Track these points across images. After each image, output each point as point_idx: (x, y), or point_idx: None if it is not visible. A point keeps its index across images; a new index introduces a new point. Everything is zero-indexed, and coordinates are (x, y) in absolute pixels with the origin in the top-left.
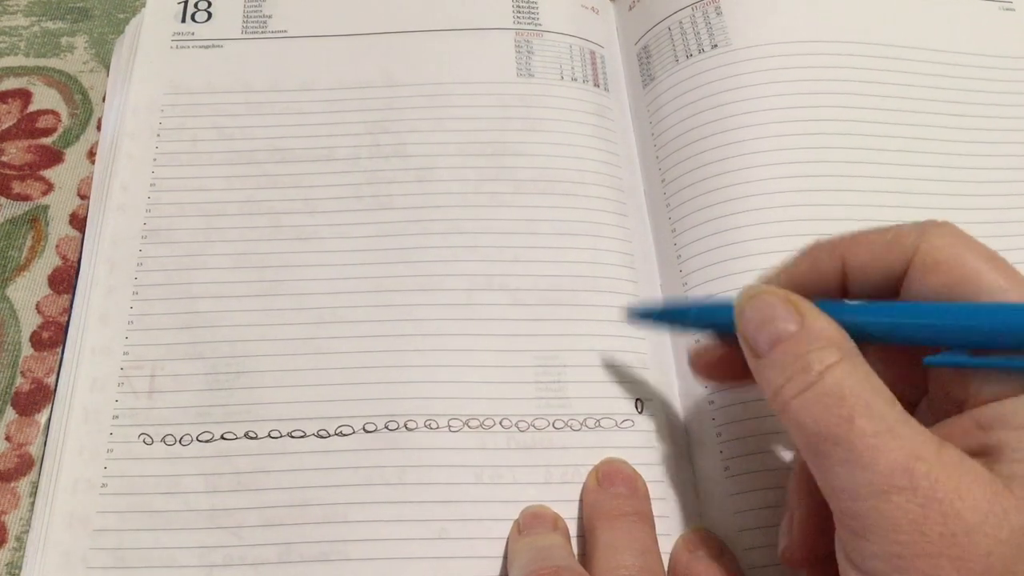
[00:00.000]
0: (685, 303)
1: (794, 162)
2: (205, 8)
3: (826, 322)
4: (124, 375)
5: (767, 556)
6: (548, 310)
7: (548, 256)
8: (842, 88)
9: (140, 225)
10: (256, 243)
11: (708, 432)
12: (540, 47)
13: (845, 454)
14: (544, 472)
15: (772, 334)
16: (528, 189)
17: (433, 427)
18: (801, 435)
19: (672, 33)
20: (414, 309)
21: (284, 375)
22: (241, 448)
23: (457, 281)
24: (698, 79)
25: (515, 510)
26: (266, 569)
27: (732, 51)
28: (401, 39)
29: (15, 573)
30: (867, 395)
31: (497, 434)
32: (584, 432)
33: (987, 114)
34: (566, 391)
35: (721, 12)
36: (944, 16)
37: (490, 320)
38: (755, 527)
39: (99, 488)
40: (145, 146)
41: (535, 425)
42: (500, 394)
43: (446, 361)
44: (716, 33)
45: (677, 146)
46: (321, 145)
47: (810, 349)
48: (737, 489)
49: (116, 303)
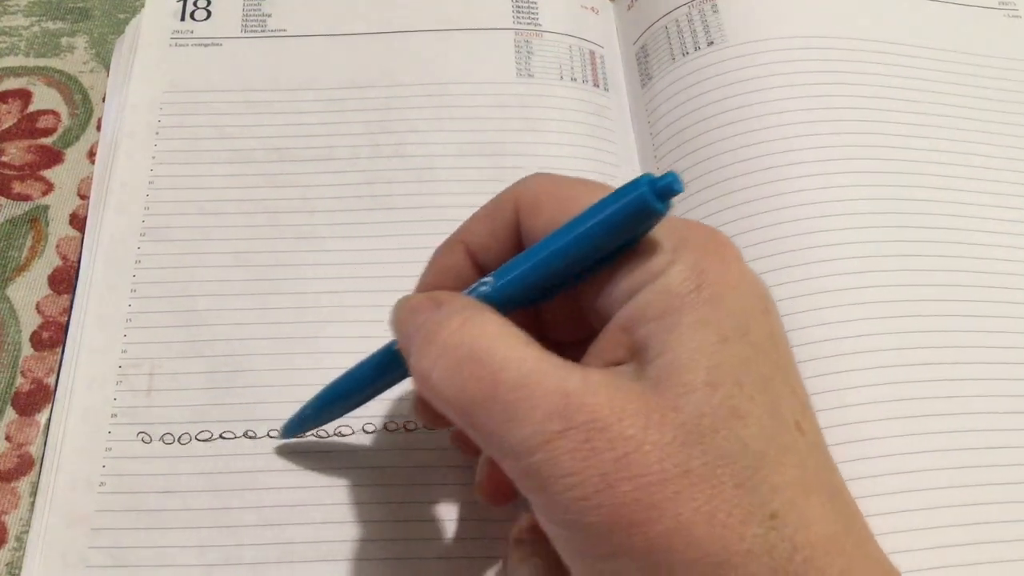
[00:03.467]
0: (303, 408)
1: (794, 163)
2: (204, 7)
3: (462, 299)
4: (123, 373)
5: None
6: None
7: None
8: (839, 86)
9: (139, 223)
10: (255, 242)
11: None
12: (540, 47)
13: (501, 414)
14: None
15: (413, 324)
16: None
17: (431, 428)
18: (454, 411)
19: (669, 31)
20: None
21: (283, 374)
22: (240, 447)
23: None
24: (694, 76)
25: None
26: (264, 568)
27: (728, 47)
28: (401, 39)
29: (15, 573)
30: (502, 348)
31: None
32: None
33: (983, 108)
34: None
35: (717, 9)
36: (941, 14)
37: None
38: None
39: (98, 487)
40: (144, 144)
41: None
42: None
43: None
44: (712, 30)
45: (675, 144)
46: (320, 144)
47: (439, 322)
48: None
49: (114, 301)
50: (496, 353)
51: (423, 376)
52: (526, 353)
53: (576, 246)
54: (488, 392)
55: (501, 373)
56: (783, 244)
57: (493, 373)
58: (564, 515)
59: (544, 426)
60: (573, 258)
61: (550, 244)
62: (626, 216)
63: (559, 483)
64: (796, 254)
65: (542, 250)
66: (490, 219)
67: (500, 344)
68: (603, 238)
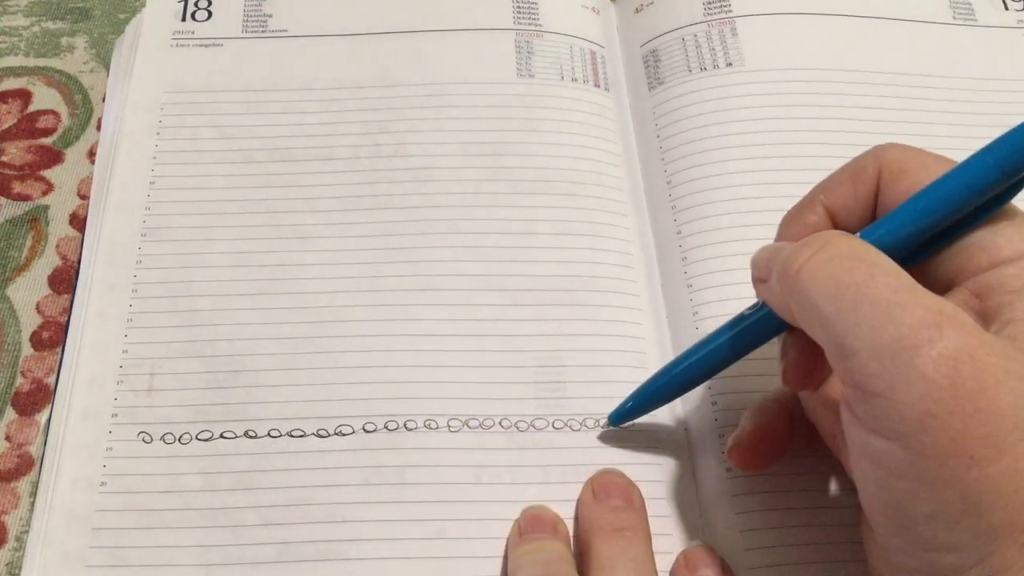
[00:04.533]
0: (653, 381)
1: (809, 183)
2: (205, 7)
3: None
4: (123, 373)
5: (768, 557)
6: (547, 310)
7: (547, 256)
8: (852, 122)
9: (140, 223)
10: (255, 242)
11: (710, 434)
12: (540, 48)
13: (869, 309)
14: (543, 472)
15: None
16: (528, 189)
17: (432, 427)
18: (816, 298)
19: (686, 44)
20: (413, 309)
21: (284, 374)
22: (240, 447)
23: (456, 281)
24: (712, 92)
25: (514, 510)
26: (264, 568)
27: (747, 72)
28: (401, 39)
29: (15, 573)
30: (882, 259)
31: (496, 434)
32: (584, 432)
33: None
34: (566, 391)
35: (736, 33)
36: (959, 45)
37: (489, 320)
38: (756, 529)
39: (98, 487)
40: (144, 144)
41: (535, 425)
42: (499, 394)
43: (446, 361)
44: (731, 52)
45: (686, 152)
46: (321, 144)
47: (817, 235)
48: (738, 491)
49: (115, 301)
50: (877, 257)
51: (789, 272)
52: (903, 274)
53: (969, 187)
54: (863, 282)
55: (878, 269)
56: None
57: (871, 268)
58: (900, 426)
59: (916, 332)
60: (961, 203)
61: (943, 186)
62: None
63: (911, 391)
64: None
65: (932, 193)
66: (852, 182)
67: (881, 256)
68: (996, 175)
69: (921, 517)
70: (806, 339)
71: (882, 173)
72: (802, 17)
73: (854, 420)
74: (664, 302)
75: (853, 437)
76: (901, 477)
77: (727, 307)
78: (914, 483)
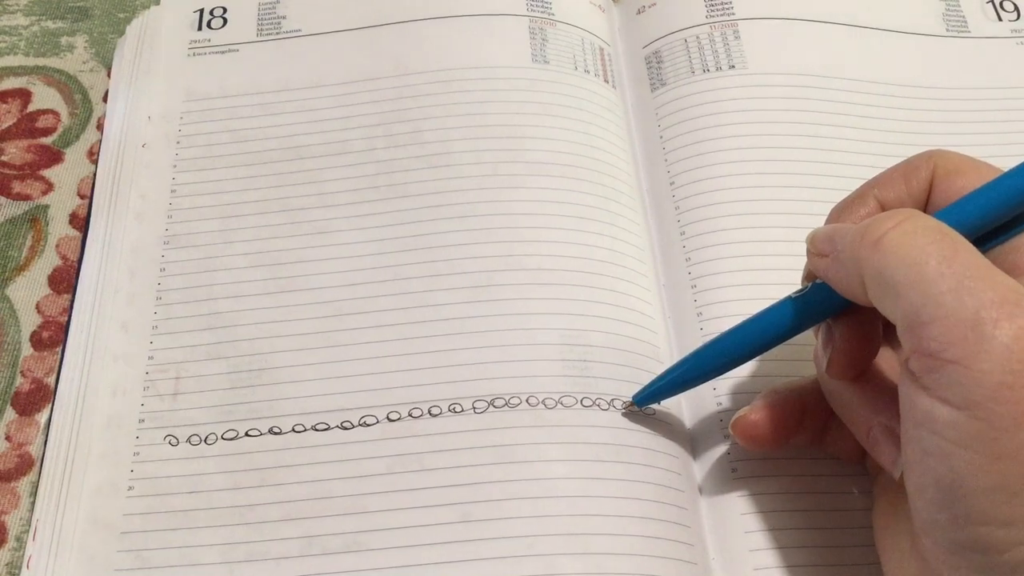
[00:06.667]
0: (680, 364)
1: (808, 186)
2: (220, 14)
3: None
4: (149, 379)
5: (772, 559)
6: (569, 290)
7: (566, 238)
8: (854, 130)
9: (161, 231)
10: (274, 240)
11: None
12: (554, 35)
13: (952, 281)
14: (570, 450)
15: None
16: (545, 171)
17: (457, 410)
18: (897, 266)
19: (688, 45)
20: (433, 295)
21: (306, 369)
22: (266, 444)
23: (476, 263)
24: (715, 94)
25: (540, 488)
26: (288, 563)
27: (749, 75)
28: (414, 27)
29: (15, 573)
30: (962, 238)
31: (523, 412)
32: (612, 412)
33: (1004, 143)
34: (592, 370)
35: (739, 36)
36: (954, 56)
37: (511, 300)
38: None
39: (126, 492)
40: (164, 154)
41: (563, 403)
42: (525, 372)
43: (468, 344)
44: (734, 55)
45: (690, 153)
46: (335, 139)
47: (899, 209)
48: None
49: (139, 310)
50: (958, 236)
51: (875, 239)
52: (980, 253)
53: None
54: (948, 255)
55: (961, 245)
56: (795, 261)
57: (955, 243)
58: (974, 394)
59: (998, 307)
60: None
61: (1005, 182)
62: None
63: (989, 359)
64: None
65: (1004, 182)
66: (905, 179)
67: (960, 236)
68: None
69: (980, 490)
70: (855, 325)
71: (936, 172)
72: (803, 23)
73: (919, 391)
74: (668, 304)
75: (916, 408)
76: (965, 447)
77: (731, 308)
78: (978, 454)
